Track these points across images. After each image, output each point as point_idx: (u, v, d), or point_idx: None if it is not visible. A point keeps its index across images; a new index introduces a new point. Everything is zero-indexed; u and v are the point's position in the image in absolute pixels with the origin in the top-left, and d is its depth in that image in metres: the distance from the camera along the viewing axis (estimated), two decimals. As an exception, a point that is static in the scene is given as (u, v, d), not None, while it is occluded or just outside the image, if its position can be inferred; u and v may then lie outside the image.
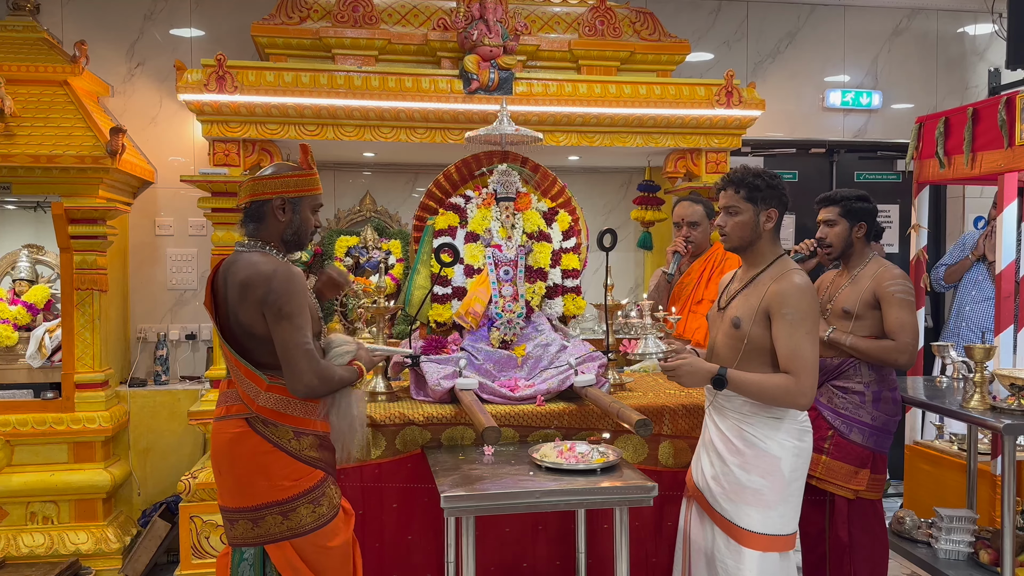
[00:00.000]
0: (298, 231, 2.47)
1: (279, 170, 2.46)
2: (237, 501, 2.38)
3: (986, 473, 3.79)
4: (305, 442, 2.40)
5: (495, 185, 3.45)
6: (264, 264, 2.35)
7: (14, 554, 4.01)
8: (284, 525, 2.35)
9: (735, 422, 2.63)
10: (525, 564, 3.05)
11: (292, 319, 2.31)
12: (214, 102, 3.83)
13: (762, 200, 2.63)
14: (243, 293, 2.32)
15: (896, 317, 3.11)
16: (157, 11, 4.83)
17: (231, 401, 2.42)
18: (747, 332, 2.60)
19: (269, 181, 2.42)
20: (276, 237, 2.45)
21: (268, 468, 2.35)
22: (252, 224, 2.44)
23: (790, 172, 5.65)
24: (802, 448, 2.63)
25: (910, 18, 5.74)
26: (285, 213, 2.43)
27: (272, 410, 2.37)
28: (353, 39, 4.21)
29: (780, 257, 2.69)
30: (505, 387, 3.10)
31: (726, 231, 2.68)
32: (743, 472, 2.59)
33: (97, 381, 4.16)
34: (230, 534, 2.43)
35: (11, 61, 4.15)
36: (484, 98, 4.07)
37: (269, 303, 2.30)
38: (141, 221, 4.82)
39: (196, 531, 3.91)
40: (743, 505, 2.59)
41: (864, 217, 3.27)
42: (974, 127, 3.90)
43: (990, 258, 4.66)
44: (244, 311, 2.33)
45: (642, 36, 4.59)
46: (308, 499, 2.37)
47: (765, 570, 2.56)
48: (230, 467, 2.39)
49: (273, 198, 2.41)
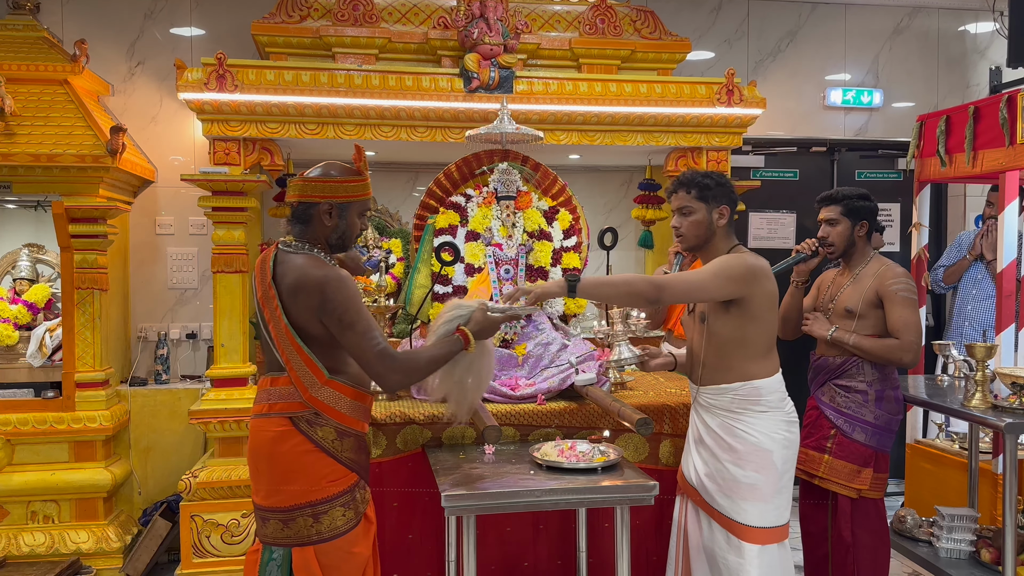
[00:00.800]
0: (343, 235, 2.46)
1: (328, 172, 2.42)
2: (271, 500, 2.37)
3: (987, 472, 3.78)
4: (347, 443, 2.40)
5: (496, 184, 3.45)
6: (313, 270, 2.34)
7: (15, 553, 4.01)
8: (313, 528, 2.34)
9: (724, 419, 2.65)
10: (526, 563, 3.05)
11: (355, 327, 2.31)
12: (214, 101, 3.83)
13: (713, 198, 2.69)
14: (294, 296, 2.33)
15: (900, 316, 3.11)
16: (157, 10, 4.83)
17: (275, 399, 2.39)
18: (710, 323, 2.67)
19: (318, 184, 2.40)
20: (322, 240, 2.44)
21: (307, 468, 2.34)
22: (299, 225, 2.43)
23: (791, 171, 5.64)
24: (790, 439, 2.67)
25: (911, 16, 5.74)
26: (332, 218, 2.42)
27: (324, 403, 2.36)
28: (353, 38, 4.20)
29: (735, 247, 2.73)
30: (506, 386, 3.10)
31: (682, 232, 2.74)
32: (737, 468, 2.61)
33: (98, 380, 4.16)
34: (261, 532, 2.42)
35: (11, 60, 4.15)
36: (485, 97, 4.06)
37: (328, 312, 2.30)
38: (142, 220, 4.82)
39: (197, 530, 3.91)
40: (739, 500, 2.61)
41: (866, 216, 3.27)
42: (975, 125, 3.89)
43: (988, 257, 4.66)
44: (296, 313, 2.34)
45: (643, 34, 4.58)
46: (340, 502, 2.37)
47: (766, 562, 2.59)
48: (268, 466, 2.38)
49: (321, 202, 2.39)
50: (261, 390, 2.45)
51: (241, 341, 3.99)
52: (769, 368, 2.66)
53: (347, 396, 2.39)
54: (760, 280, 2.60)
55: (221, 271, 3.95)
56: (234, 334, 3.98)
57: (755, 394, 2.62)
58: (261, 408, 2.42)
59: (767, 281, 2.62)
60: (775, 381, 2.67)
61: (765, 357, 2.66)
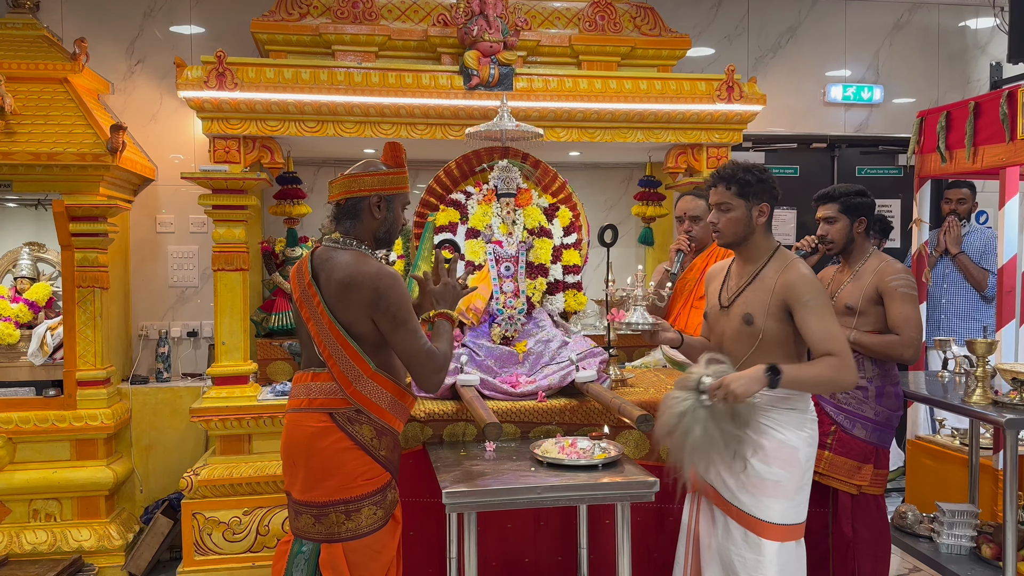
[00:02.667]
0: (390, 228, 2.50)
1: (372, 167, 2.47)
2: (306, 495, 2.39)
3: (988, 468, 3.79)
4: (384, 441, 2.42)
5: (496, 181, 3.44)
6: (365, 266, 2.36)
7: (17, 551, 4.02)
8: (344, 526, 2.36)
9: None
10: (527, 560, 3.05)
11: (407, 324, 2.35)
12: (214, 99, 3.83)
13: (754, 195, 2.64)
14: (344, 293, 2.35)
15: (900, 312, 3.11)
16: (157, 8, 4.82)
17: (315, 394, 2.40)
18: (762, 327, 2.61)
19: (366, 178, 2.44)
20: (370, 235, 2.47)
21: (345, 465, 2.36)
22: (348, 221, 2.46)
23: (791, 167, 5.64)
24: (813, 437, 2.67)
25: (911, 12, 5.73)
26: (380, 211, 2.46)
27: (367, 398, 2.38)
28: (353, 35, 4.20)
29: (777, 249, 2.70)
30: (506, 383, 3.10)
31: (719, 228, 2.69)
32: (763, 465, 2.57)
33: (99, 378, 4.16)
34: (294, 524, 2.45)
35: (11, 59, 4.15)
36: (484, 94, 4.06)
37: (381, 309, 2.33)
38: (142, 218, 4.82)
39: (199, 528, 3.92)
40: (763, 497, 2.58)
41: (864, 212, 3.27)
42: (976, 121, 3.89)
43: (953, 251, 4.75)
44: (345, 310, 2.36)
45: (643, 31, 4.58)
46: (373, 500, 2.39)
47: (784, 559, 2.57)
48: (306, 461, 2.39)
49: (370, 195, 2.44)
50: (300, 384, 2.46)
51: (242, 339, 4.00)
52: None
53: (389, 392, 2.41)
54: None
55: (222, 269, 3.96)
56: (235, 332, 3.99)
57: (787, 392, 2.58)
58: (300, 403, 2.43)
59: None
60: None
61: (801, 358, 2.64)
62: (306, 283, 2.41)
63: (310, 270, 2.42)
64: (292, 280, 2.50)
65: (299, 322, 2.48)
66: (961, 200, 4.79)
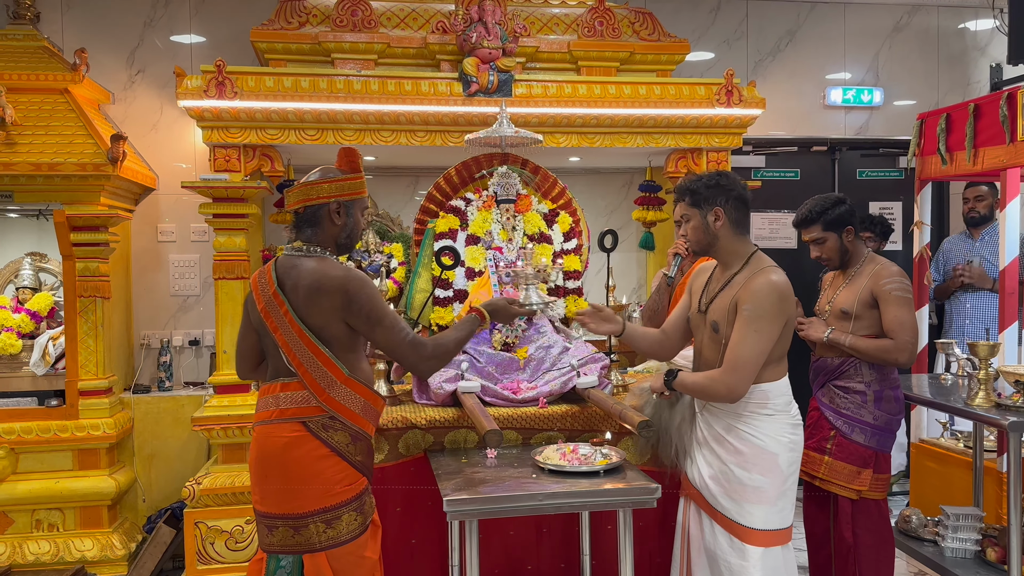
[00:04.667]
0: (351, 234, 2.51)
1: (329, 174, 2.47)
2: (281, 507, 2.36)
3: (992, 470, 3.77)
4: (359, 447, 2.42)
5: (495, 187, 3.45)
6: (333, 270, 2.37)
7: (20, 562, 4.01)
8: (326, 534, 2.34)
9: (729, 421, 2.64)
10: (530, 567, 3.04)
11: (383, 321, 2.38)
12: (214, 108, 3.83)
13: (704, 202, 2.68)
14: (314, 298, 2.35)
15: (894, 316, 3.10)
16: (157, 18, 4.84)
17: (285, 404, 2.39)
18: (724, 335, 2.62)
19: (324, 185, 2.45)
20: (331, 241, 2.49)
21: (322, 473, 2.35)
22: (309, 229, 2.47)
23: (792, 170, 5.63)
24: (795, 442, 2.67)
25: (911, 14, 5.73)
26: (340, 217, 2.47)
27: (342, 404, 2.37)
28: (352, 43, 4.21)
29: (753, 254, 2.70)
30: (507, 389, 3.10)
31: (688, 238, 2.75)
32: (743, 471, 2.60)
33: (101, 388, 4.17)
34: (266, 540, 2.40)
35: (12, 69, 4.16)
36: (484, 100, 4.06)
37: (354, 312, 2.35)
38: (143, 228, 4.83)
39: (201, 537, 3.92)
40: (744, 503, 2.60)
41: (847, 221, 3.25)
42: (976, 123, 3.88)
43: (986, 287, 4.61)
44: (315, 315, 2.36)
45: (641, 36, 4.58)
46: (352, 507, 2.38)
47: (769, 565, 2.58)
48: (281, 472, 2.36)
49: (330, 202, 2.45)
50: (267, 396, 2.44)
51: (243, 347, 3.99)
52: (777, 372, 2.65)
53: (362, 396, 2.41)
54: (789, 302, 2.59)
55: (223, 278, 3.96)
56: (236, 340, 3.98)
57: (763, 398, 2.61)
58: (269, 414, 2.41)
59: (791, 303, 2.60)
60: (782, 385, 2.66)
61: (776, 363, 2.64)
62: (271, 292, 2.40)
63: (275, 279, 2.41)
64: (253, 291, 2.47)
65: (262, 332, 2.46)
66: (979, 197, 4.70)
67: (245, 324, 2.56)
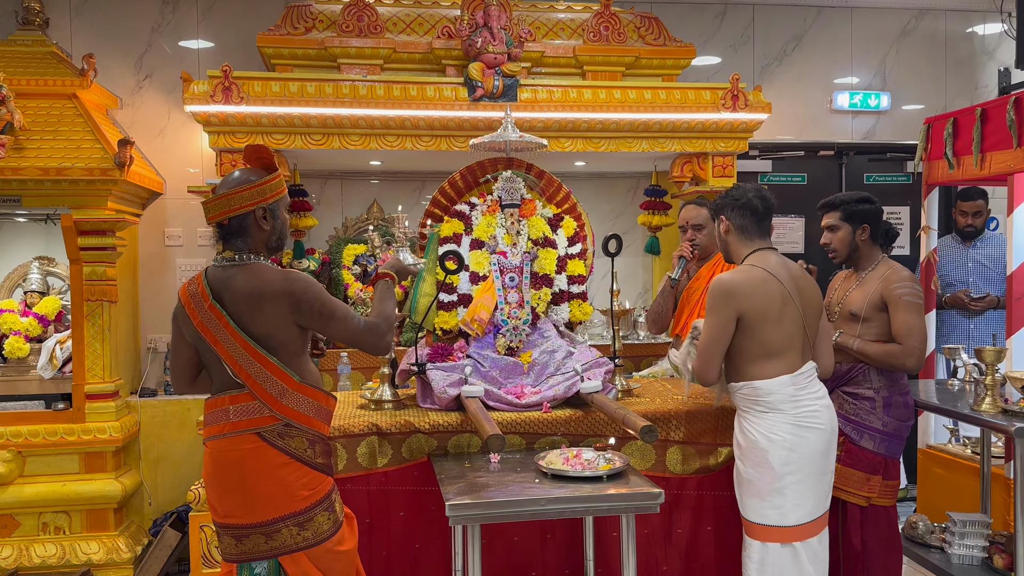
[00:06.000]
0: (281, 235, 2.47)
1: (248, 179, 2.39)
2: (249, 517, 2.33)
3: (1000, 477, 3.74)
4: (318, 449, 2.41)
5: (500, 192, 3.44)
6: (271, 275, 2.35)
7: (26, 564, 4.03)
8: (301, 536, 2.33)
9: (738, 415, 2.83)
10: (534, 572, 3.03)
11: (335, 314, 2.38)
12: (221, 113, 3.85)
13: (715, 214, 2.97)
14: (257, 307, 2.31)
15: (903, 320, 3.07)
16: (165, 23, 4.87)
17: (236, 416, 2.34)
18: None
19: (244, 193, 2.36)
20: (262, 246, 2.43)
21: (285, 480, 2.32)
22: (238, 239, 2.39)
23: (799, 175, 5.62)
24: (797, 442, 2.69)
25: (918, 18, 5.71)
26: (267, 221, 2.41)
27: (295, 411, 2.35)
28: (358, 48, 4.23)
29: (751, 254, 2.85)
30: (511, 394, 3.09)
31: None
32: (740, 461, 2.79)
33: (108, 392, 4.18)
34: (235, 551, 2.35)
35: (20, 75, 4.19)
36: (489, 105, 4.07)
37: (305, 312, 2.33)
38: (150, 232, 4.85)
39: (206, 540, 3.91)
40: (740, 494, 2.79)
41: (867, 219, 3.23)
42: (983, 127, 3.86)
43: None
44: (260, 324, 2.32)
45: (647, 41, 4.58)
46: (323, 507, 2.37)
47: (767, 560, 2.68)
48: (241, 484, 2.33)
49: (254, 209, 2.38)
50: (216, 410, 2.38)
51: (249, 351, 4.01)
52: (768, 370, 2.70)
53: (315, 400, 2.39)
54: (735, 297, 2.70)
55: (228, 282, 3.97)
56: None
57: (752, 394, 2.74)
58: (221, 428, 2.35)
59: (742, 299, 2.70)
60: (775, 383, 2.69)
61: (765, 360, 2.71)
62: (207, 306, 2.33)
63: (209, 292, 2.35)
64: (185, 305, 2.38)
65: (201, 347, 2.39)
66: (977, 213, 4.67)
67: (177, 339, 2.47)
